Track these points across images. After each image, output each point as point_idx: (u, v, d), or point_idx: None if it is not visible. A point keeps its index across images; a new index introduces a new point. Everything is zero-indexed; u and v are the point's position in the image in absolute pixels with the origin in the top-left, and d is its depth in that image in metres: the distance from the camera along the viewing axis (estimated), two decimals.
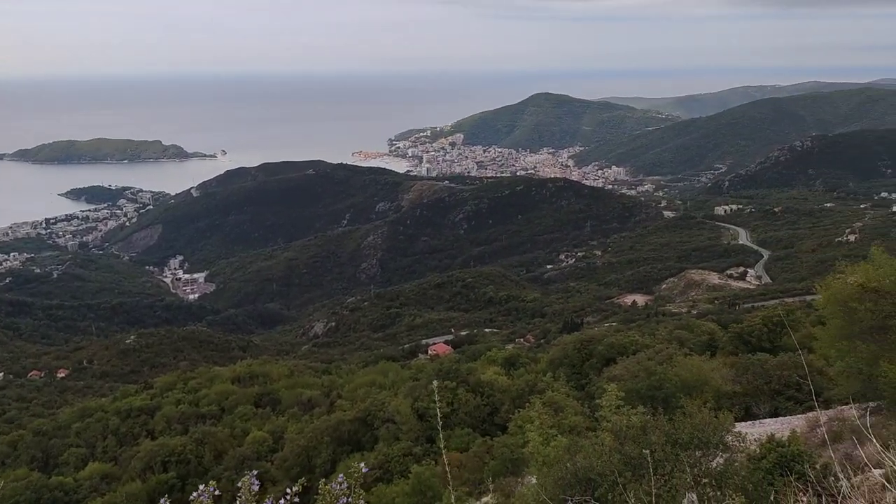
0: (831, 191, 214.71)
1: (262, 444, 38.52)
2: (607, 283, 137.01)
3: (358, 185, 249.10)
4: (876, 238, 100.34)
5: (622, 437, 6.67)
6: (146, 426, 47.87)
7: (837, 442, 12.25)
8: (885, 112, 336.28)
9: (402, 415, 34.98)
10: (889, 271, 13.45)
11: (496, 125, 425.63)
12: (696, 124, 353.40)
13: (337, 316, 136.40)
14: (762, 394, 26.32)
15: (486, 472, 19.27)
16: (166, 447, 38.65)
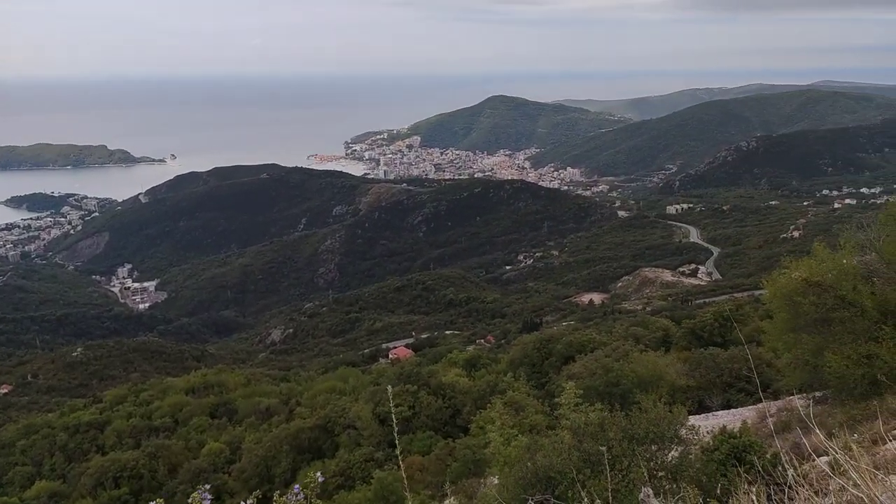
0: (776, 189, 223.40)
1: (219, 456, 37.59)
2: (565, 283, 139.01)
3: (314, 188, 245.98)
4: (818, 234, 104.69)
5: (581, 435, 6.76)
6: (96, 441, 46.14)
7: (786, 431, 12.70)
8: (825, 113, 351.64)
9: (363, 420, 34.69)
10: (831, 266, 14.01)
11: (453, 127, 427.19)
12: (648, 126, 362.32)
13: (295, 322, 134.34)
14: (714, 387, 27.09)
15: (448, 475, 19.25)
16: (118, 462, 37.34)
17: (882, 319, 13.74)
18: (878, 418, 10.96)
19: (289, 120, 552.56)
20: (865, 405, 11.98)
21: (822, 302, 13.40)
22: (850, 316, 13.36)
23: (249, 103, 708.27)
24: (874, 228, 15.71)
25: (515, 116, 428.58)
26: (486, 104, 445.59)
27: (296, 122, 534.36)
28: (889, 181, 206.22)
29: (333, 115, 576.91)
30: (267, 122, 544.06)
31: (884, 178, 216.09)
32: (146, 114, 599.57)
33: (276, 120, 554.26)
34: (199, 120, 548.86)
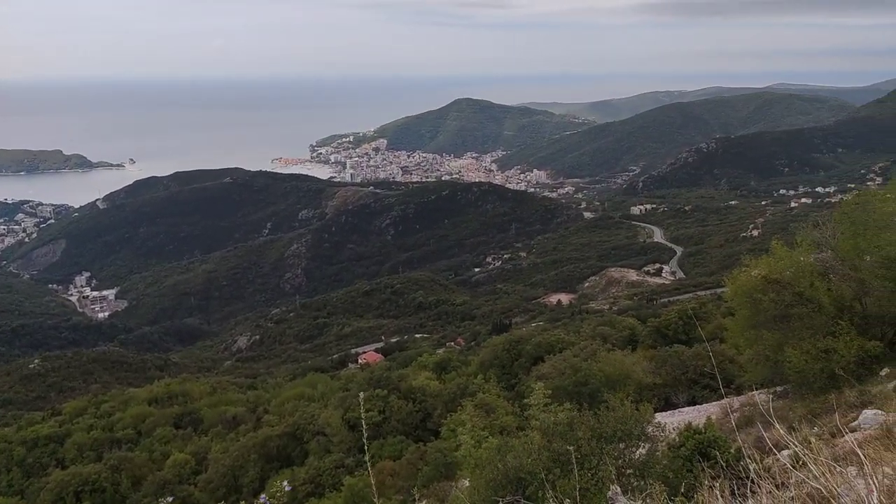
0: (735, 189, 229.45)
1: (184, 467, 36.76)
2: (533, 284, 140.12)
3: (279, 192, 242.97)
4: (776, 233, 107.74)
5: (550, 435, 6.80)
6: (55, 455, 44.66)
7: (749, 426, 13.00)
8: (780, 115, 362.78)
9: (332, 426, 34.36)
10: (788, 263, 14.43)
11: (420, 130, 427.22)
12: (611, 128, 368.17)
13: (261, 329, 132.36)
14: (680, 384, 27.62)
15: (420, 479, 19.18)
16: (79, 476, 36.22)
17: (838, 315, 14.20)
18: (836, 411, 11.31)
19: (252, 123, 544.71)
20: (824, 399, 12.35)
21: (780, 299, 13.79)
22: (807, 312, 13.78)
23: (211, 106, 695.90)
24: (829, 227, 16.24)
25: (481, 119, 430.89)
26: (453, 107, 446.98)
27: (259, 125, 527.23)
28: (843, 180, 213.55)
29: (298, 117, 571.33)
30: (230, 125, 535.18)
31: (837, 178, 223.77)
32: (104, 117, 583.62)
33: (239, 123, 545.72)
34: (159, 123, 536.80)
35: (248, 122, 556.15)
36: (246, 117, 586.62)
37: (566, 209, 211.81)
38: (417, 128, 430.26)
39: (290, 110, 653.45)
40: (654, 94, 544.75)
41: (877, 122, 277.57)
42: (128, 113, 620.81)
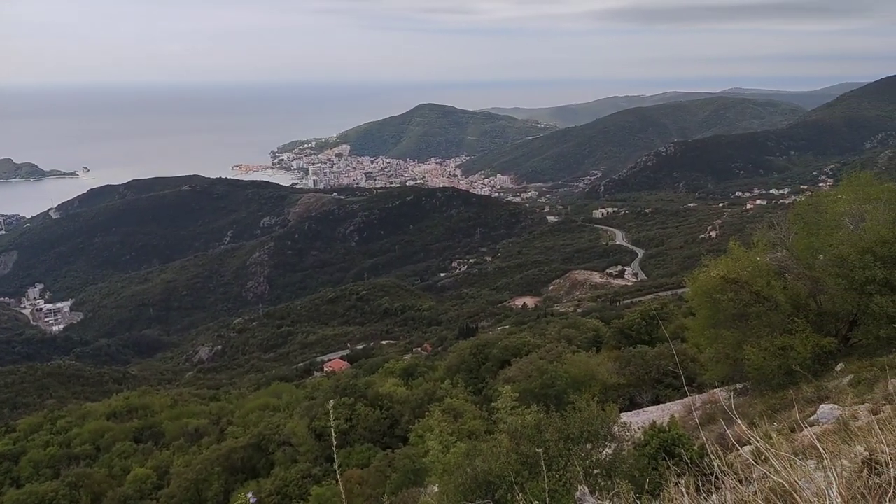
0: (693, 192, 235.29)
1: (146, 482, 35.71)
2: (499, 288, 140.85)
3: (240, 199, 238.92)
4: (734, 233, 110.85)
5: (518, 438, 6.81)
6: (10, 474, 42.90)
7: (711, 423, 13.28)
8: (735, 119, 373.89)
9: (298, 436, 33.87)
10: (745, 263, 14.82)
11: (383, 135, 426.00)
12: (573, 133, 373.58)
13: (223, 339, 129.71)
14: (644, 383, 28.06)
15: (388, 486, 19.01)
16: (35, 494, 34.87)
17: (794, 312, 14.63)
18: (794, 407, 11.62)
19: (211, 129, 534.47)
20: (783, 394, 12.70)
21: (738, 298, 14.14)
22: (764, 310, 14.16)
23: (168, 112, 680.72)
24: (784, 227, 16.75)
25: (445, 124, 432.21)
26: (416, 112, 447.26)
27: (219, 132, 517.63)
28: (796, 182, 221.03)
29: (258, 123, 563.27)
30: (188, 131, 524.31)
31: (791, 179, 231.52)
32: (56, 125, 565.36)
33: (197, 129, 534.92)
34: (114, 130, 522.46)
35: (207, 128, 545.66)
36: (204, 123, 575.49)
37: (530, 213, 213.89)
38: (380, 133, 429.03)
39: (250, 116, 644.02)
40: (613, 99, 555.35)
41: (827, 125, 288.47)
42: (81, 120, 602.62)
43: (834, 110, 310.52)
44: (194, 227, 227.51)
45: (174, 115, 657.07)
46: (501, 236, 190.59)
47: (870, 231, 14.00)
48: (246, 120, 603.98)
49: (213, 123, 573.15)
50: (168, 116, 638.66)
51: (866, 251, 13.09)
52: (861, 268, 12.90)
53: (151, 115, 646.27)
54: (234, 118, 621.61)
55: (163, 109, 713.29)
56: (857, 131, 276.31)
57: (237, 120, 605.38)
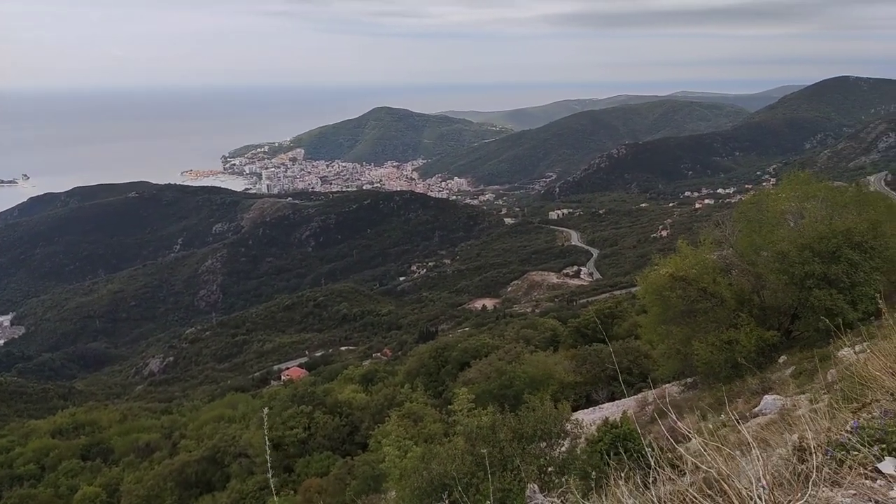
0: (645, 192, 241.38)
1: (95, 501, 34.37)
2: (458, 290, 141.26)
3: (190, 206, 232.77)
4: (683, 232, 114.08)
5: (473, 439, 6.83)
6: None
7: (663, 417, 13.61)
8: (683, 121, 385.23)
9: (255, 447, 33.19)
10: (693, 261, 15.28)
11: (338, 139, 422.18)
12: (527, 136, 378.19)
13: (175, 349, 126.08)
14: (600, 381, 28.60)
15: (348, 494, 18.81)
16: None
17: (739, 308, 15.15)
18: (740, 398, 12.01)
19: (159, 134, 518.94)
20: (730, 387, 13.11)
21: (687, 295, 14.56)
22: (711, 306, 14.62)
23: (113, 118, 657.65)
24: (728, 225, 17.34)
25: (401, 128, 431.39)
26: (371, 116, 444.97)
27: (167, 137, 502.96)
28: (741, 182, 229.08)
29: (208, 128, 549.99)
30: (134, 137, 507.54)
31: (736, 179, 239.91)
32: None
33: (144, 135, 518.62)
34: (56, 136, 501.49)
35: (154, 133, 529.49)
36: (151, 128, 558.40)
37: (488, 216, 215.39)
38: (335, 137, 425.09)
39: (200, 121, 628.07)
40: (566, 102, 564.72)
41: (769, 126, 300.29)
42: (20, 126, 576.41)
43: (775, 112, 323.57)
44: (142, 235, 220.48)
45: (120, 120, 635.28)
46: (460, 239, 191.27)
47: (808, 228, 14.62)
48: (195, 125, 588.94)
49: (161, 128, 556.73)
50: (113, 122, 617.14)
51: (805, 247, 13.66)
52: (800, 263, 13.44)
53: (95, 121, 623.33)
54: (182, 123, 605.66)
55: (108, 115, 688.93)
56: (798, 132, 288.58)
57: (186, 125, 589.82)
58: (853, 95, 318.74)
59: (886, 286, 14.47)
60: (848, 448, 2.74)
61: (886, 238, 14.43)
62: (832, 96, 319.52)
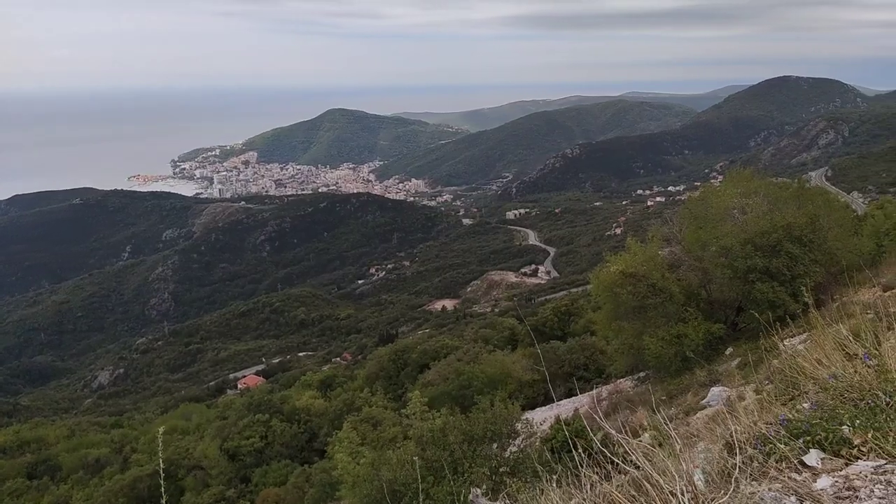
0: (598, 191, 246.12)
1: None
2: (418, 292, 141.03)
3: (138, 212, 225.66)
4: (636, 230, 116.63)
5: (423, 443, 6.75)
6: None
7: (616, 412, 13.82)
8: (634, 121, 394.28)
9: (210, 459, 32.42)
10: (642, 258, 15.58)
11: (292, 142, 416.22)
12: (483, 137, 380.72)
13: (125, 361, 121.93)
14: (558, 377, 28.91)
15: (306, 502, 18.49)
16: None
17: (688, 302, 15.52)
18: (689, 391, 12.27)
19: (103, 138, 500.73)
20: (680, 380, 13.41)
21: (637, 291, 14.83)
22: (661, 301, 14.93)
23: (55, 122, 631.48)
24: (676, 222, 17.76)
25: (356, 129, 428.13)
26: (325, 117, 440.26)
27: (112, 141, 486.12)
28: (690, 179, 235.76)
29: (156, 131, 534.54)
30: (77, 141, 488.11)
31: (686, 177, 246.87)
32: None
33: (88, 139, 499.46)
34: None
35: (99, 137, 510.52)
36: (96, 132, 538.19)
37: (446, 217, 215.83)
38: (289, 139, 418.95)
39: (147, 124, 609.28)
40: (521, 103, 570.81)
41: (716, 125, 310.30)
42: None
43: (721, 112, 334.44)
44: (88, 243, 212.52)
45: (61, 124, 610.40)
46: (419, 240, 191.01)
47: (750, 223, 15.09)
48: (142, 128, 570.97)
49: (105, 132, 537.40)
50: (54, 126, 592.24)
51: (748, 242, 14.08)
52: (743, 258, 13.86)
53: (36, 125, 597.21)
54: (128, 126, 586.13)
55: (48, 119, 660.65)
56: (743, 131, 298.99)
57: (132, 128, 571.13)
58: (794, 94, 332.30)
59: (826, 277, 15.06)
60: (775, 441, 2.78)
61: (824, 231, 15.02)
62: (774, 96, 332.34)
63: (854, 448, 2.74)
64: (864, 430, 2.77)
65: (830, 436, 2.81)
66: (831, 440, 2.81)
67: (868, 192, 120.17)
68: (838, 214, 17.18)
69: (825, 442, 2.82)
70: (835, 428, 2.81)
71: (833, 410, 2.86)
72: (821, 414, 2.86)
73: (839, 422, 2.79)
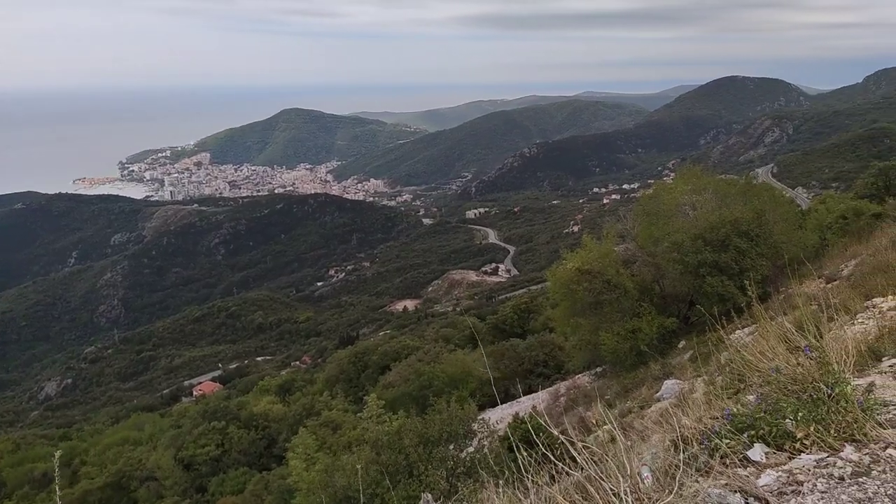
0: (556, 190, 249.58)
1: None
2: (378, 293, 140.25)
3: (85, 216, 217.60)
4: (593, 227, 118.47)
5: (379, 447, 6.62)
6: None
7: (574, 407, 13.95)
8: (589, 120, 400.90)
9: (164, 469, 31.48)
10: (597, 255, 15.78)
11: (246, 142, 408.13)
12: (442, 136, 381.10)
13: (73, 370, 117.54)
14: (518, 375, 29.09)
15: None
16: None
17: (642, 297, 15.80)
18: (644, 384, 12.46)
19: (46, 140, 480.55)
20: (635, 374, 13.62)
21: (592, 287, 15.02)
22: (616, 297, 15.16)
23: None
24: (629, 219, 18.07)
25: (313, 129, 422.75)
26: (281, 117, 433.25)
27: (56, 143, 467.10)
28: (644, 177, 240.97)
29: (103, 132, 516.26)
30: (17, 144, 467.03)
31: (640, 175, 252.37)
32: None
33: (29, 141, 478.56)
34: None
35: (41, 139, 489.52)
36: (38, 134, 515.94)
37: (406, 217, 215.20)
38: (243, 140, 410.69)
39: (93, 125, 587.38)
40: (478, 103, 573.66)
41: (667, 124, 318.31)
42: None
43: (672, 111, 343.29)
44: (31, 249, 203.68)
45: None
46: (378, 241, 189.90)
47: (700, 218, 15.45)
48: (88, 129, 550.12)
49: (48, 134, 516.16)
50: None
51: (698, 237, 14.42)
52: (694, 252, 14.18)
53: None
54: (74, 127, 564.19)
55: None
56: (693, 129, 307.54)
57: (78, 129, 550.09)
58: (741, 94, 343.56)
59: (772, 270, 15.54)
60: (720, 437, 2.78)
61: (770, 226, 15.49)
62: (722, 95, 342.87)
63: (797, 442, 2.77)
64: (806, 424, 2.80)
65: (774, 430, 2.82)
66: (775, 434, 2.82)
67: (812, 188, 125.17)
68: (783, 209, 17.78)
69: (769, 436, 2.83)
70: (778, 422, 2.83)
71: (777, 403, 2.88)
72: (765, 407, 2.87)
73: (782, 415, 2.82)
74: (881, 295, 8.30)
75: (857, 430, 2.80)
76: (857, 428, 2.80)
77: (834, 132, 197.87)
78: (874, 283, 9.17)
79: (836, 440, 2.76)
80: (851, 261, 13.12)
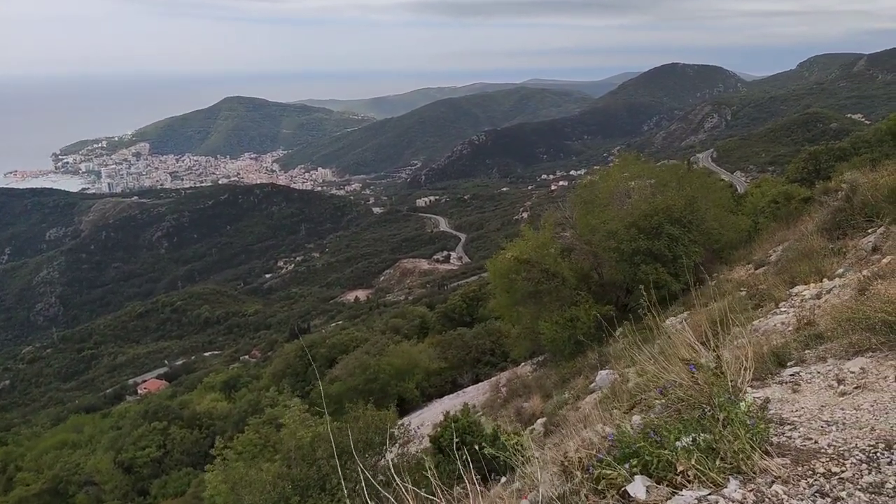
0: (505, 177, 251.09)
1: None
2: (329, 284, 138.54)
3: (17, 211, 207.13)
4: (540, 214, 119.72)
5: (290, 460, 6.32)
6: None
7: (514, 398, 13.93)
8: (536, 107, 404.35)
9: (103, 473, 30.31)
10: (535, 245, 15.75)
11: (187, 132, 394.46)
12: (390, 124, 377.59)
13: (10, 372, 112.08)
14: (465, 364, 29.13)
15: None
16: None
17: (580, 286, 15.88)
18: (581, 374, 12.49)
19: None
20: (573, 364, 13.68)
21: (531, 277, 14.99)
22: (555, 286, 15.18)
23: None
24: (567, 207, 18.12)
25: (257, 118, 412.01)
26: (223, 105, 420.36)
27: None
28: (590, 163, 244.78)
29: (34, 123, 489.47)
30: None
31: (586, 161, 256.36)
32: None
33: None
34: None
35: None
36: None
37: (355, 206, 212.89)
38: (184, 129, 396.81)
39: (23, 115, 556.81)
40: (426, 90, 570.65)
41: (612, 111, 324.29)
42: None
43: (616, 98, 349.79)
44: None
45: None
46: (328, 231, 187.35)
47: (635, 206, 15.59)
48: (17, 119, 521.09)
49: None
50: None
51: (632, 225, 14.54)
52: (628, 240, 14.29)
53: None
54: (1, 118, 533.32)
55: None
56: (636, 116, 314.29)
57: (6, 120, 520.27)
58: (681, 81, 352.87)
59: (705, 256, 15.86)
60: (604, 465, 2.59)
61: (702, 212, 15.77)
62: (664, 82, 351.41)
63: (679, 475, 2.56)
64: (688, 455, 2.58)
65: (656, 460, 2.61)
66: (656, 465, 2.61)
67: (750, 172, 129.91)
68: (717, 195, 18.15)
69: (651, 467, 2.62)
70: (659, 451, 2.62)
71: (664, 427, 2.68)
72: (651, 430, 2.66)
73: (668, 441, 2.61)
74: (804, 282, 8.47)
75: (743, 460, 2.58)
76: (744, 458, 2.59)
77: (770, 117, 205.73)
78: (798, 269, 9.36)
79: (720, 474, 2.53)
80: (779, 246, 13.46)
